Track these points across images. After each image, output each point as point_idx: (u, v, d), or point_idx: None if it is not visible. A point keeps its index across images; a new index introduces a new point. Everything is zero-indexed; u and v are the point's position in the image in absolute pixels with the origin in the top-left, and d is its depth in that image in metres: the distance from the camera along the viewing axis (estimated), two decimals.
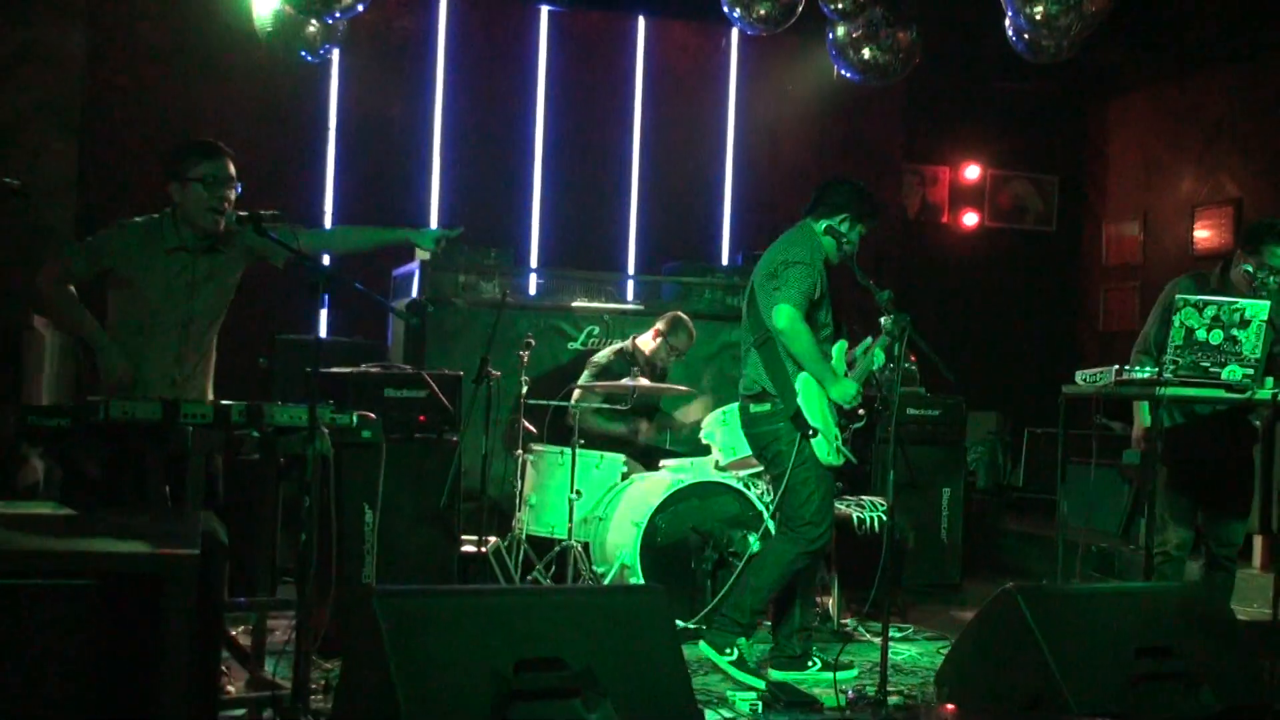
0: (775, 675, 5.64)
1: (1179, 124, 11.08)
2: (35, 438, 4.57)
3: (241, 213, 4.68)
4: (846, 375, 5.59)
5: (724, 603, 5.87)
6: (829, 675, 5.48)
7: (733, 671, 5.52)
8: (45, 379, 6.59)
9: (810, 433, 5.45)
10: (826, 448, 5.51)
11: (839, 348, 5.67)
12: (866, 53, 8.05)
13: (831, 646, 6.02)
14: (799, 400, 5.50)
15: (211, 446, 4.58)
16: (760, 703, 5.16)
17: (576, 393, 7.25)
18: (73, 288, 4.98)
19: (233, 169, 5.01)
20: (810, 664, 5.75)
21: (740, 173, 10.58)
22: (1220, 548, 6.00)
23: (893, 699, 5.14)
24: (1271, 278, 5.73)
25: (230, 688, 4.80)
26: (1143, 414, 5.98)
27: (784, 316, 5.40)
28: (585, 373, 7.53)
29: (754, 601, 5.66)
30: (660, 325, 7.57)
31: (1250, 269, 5.76)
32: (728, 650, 5.55)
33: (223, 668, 4.66)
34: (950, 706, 4.48)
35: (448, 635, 3.68)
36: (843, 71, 8.31)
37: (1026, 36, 7.56)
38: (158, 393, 4.79)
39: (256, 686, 4.80)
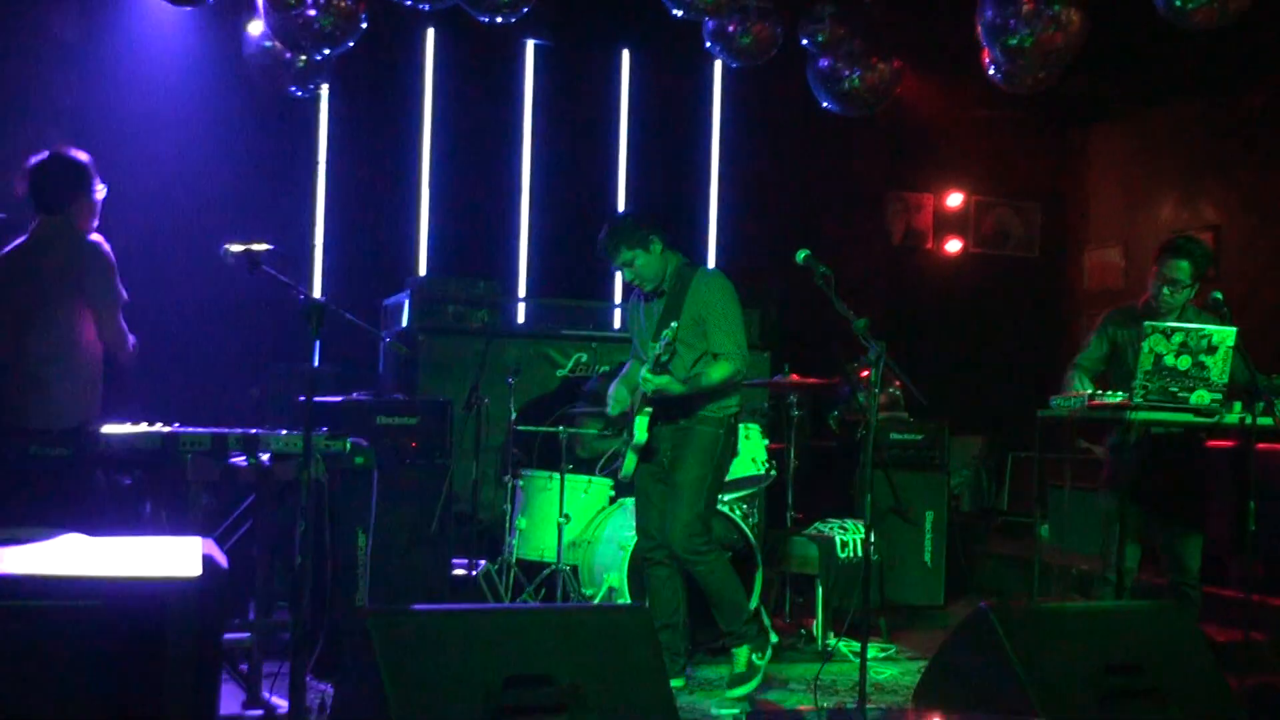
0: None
1: (1159, 151, 11.19)
2: (38, 468, 4.68)
3: (236, 248, 4.77)
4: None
5: None
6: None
7: None
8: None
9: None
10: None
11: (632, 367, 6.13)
12: (846, 84, 8.19)
13: (813, 666, 6.15)
14: None
15: (209, 474, 4.70)
16: (744, 717, 5.29)
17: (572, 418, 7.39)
18: None
19: None
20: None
21: (725, 201, 10.69)
22: (1179, 574, 6.07)
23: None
24: (1166, 288, 5.92)
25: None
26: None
27: None
28: (581, 403, 7.64)
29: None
30: None
31: (1156, 283, 5.97)
32: None
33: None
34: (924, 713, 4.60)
35: (439, 654, 3.77)
36: (824, 102, 8.45)
37: (1004, 68, 7.71)
38: None
39: (254, 707, 4.92)
